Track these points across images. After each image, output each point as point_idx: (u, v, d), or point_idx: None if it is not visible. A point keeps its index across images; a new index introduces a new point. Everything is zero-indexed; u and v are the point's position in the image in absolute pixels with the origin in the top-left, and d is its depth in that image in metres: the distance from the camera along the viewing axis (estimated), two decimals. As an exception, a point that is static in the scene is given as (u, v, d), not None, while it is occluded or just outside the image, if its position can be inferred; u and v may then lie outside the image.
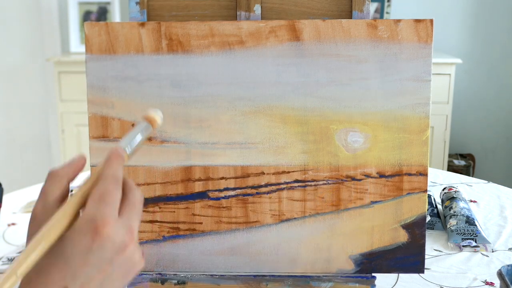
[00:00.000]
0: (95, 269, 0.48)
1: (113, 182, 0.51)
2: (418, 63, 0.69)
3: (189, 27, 0.69)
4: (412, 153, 0.70)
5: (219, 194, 0.72)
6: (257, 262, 0.73)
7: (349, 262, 0.72)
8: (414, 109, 0.70)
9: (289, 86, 0.70)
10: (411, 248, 0.72)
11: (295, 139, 0.71)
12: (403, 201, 0.71)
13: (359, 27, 0.69)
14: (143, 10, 0.72)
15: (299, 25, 0.69)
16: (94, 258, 0.48)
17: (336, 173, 0.71)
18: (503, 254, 0.98)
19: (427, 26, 0.69)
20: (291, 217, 0.72)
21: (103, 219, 0.48)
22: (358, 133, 0.70)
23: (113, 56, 0.70)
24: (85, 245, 0.48)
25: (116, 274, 0.50)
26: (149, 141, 0.71)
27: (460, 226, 1.04)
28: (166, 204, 0.72)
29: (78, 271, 0.48)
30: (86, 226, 0.48)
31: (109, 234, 0.48)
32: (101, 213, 0.49)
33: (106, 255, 0.48)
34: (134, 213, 0.51)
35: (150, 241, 0.73)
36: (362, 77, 0.69)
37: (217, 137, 0.71)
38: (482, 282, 0.89)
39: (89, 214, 0.49)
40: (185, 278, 0.73)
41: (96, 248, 0.48)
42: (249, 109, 0.70)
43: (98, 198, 0.49)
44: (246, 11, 0.72)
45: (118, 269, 0.50)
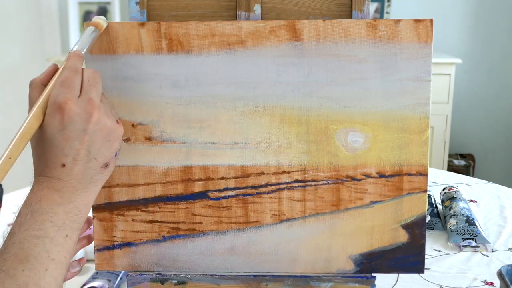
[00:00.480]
0: (76, 141, 0.58)
1: (71, 70, 0.60)
2: (418, 63, 0.69)
3: (189, 27, 0.69)
4: (412, 153, 0.70)
5: (219, 194, 0.72)
6: (257, 262, 0.73)
7: (349, 262, 0.72)
8: (414, 109, 0.70)
9: (289, 86, 0.70)
10: (411, 248, 0.72)
11: (295, 139, 0.71)
12: (403, 201, 0.71)
13: (359, 27, 0.69)
14: (143, 10, 0.72)
15: (299, 25, 0.69)
16: (69, 132, 0.57)
17: (336, 173, 0.71)
18: (503, 254, 0.98)
19: (427, 26, 0.69)
20: (291, 217, 0.72)
21: (64, 97, 0.57)
22: (358, 133, 0.70)
23: (113, 56, 0.70)
24: (58, 124, 0.57)
25: (97, 140, 0.59)
26: (149, 141, 0.71)
27: (460, 226, 1.04)
28: (166, 204, 0.72)
29: (64, 148, 0.58)
30: (52, 108, 0.58)
31: (72, 108, 0.57)
32: (62, 94, 0.58)
33: (77, 126, 0.58)
34: (91, 87, 0.60)
35: (150, 241, 0.73)
36: (362, 77, 0.69)
37: (217, 137, 0.71)
38: (482, 282, 0.89)
39: (52, 97, 0.58)
40: (185, 278, 0.73)
41: (67, 123, 0.57)
42: (249, 109, 0.70)
43: (59, 84, 0.59)
44: (246, 11, 0.72)
45: (96, 136, 0.59)
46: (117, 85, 0.70)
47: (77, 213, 0.59)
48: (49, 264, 0.55)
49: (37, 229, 0.56)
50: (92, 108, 0.58)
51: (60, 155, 0.58)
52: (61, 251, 0.57)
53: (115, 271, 0.78)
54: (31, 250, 0.55)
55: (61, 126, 0.57)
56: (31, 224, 0.56)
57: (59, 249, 0.57)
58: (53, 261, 0.56)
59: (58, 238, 0.57)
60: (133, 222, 0.72)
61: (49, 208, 0.57)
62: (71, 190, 0.59)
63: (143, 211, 0.72)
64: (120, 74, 0.70)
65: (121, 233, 0.72)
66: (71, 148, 0.58)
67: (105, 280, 0.85)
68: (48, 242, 0.56)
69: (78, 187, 0.59)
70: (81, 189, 0.59)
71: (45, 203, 0.57)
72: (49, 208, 0.57)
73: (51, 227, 0.57)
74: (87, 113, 0.58)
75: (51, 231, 0.56)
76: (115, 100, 0.70)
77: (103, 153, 0.60)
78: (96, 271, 0.87)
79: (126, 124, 0.71)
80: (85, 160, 0.59)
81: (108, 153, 0.61)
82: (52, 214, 0.57)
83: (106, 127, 0.60)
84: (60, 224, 0.57)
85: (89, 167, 0.59)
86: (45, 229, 0.56)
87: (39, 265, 0.54)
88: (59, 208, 0.58)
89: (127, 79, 0.70)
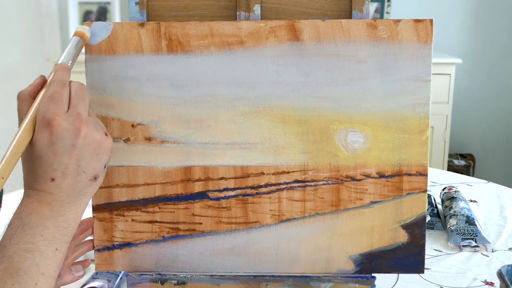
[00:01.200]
0: (65, 156, 0.58)
1: (59, 85, 0.60)
2: (418, 63, 0.69)
3: (189, 27, 0.69)
4: (412, 153, 0.70)
5: (219, 195, 0.72)
6: (257, 262, 0.73)
7: (349, 262, 0.72)
8: (414, 109, 0.70)
9: (289, 86, 0.70)
10: (411, 248, 0.72)
11: (295, 139, 0.71)
12: (403, 201, 0.71)
13: (359, 27, 0.69)
14: (142, 10, 0.72)
15: (299, 25, 0.69)
16: (58, 147, 0.58)
17: (336, 173, 0.71)
18: (503, 254, 0.98)
19: (427, 26, 0.69)
20: (291, 217, 0.72)
21: (52, 113, 0.58)
22: (358, 133, 0.70)
23: (112, 56, 0.70)
24: (47, 139, 0.58)
25: (86, 154, 0.59)
26: (149, 141, 0.71)
27: (460, 226, 1.04)
28: (165, 204, 0.72)
29: (53, 163, 0.58)
30: (41, 124, 0.58)
31: (60, 124, 0.58)
32: (50, 109, 0.58)
33: (66, 141, 0.58)
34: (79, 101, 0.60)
35: (150, 241, 0.73)
36: (362, 77, 0.69)
37: (217, 137, 0.71)
38: (482, 282, 0.89)
39: (40, 113, 0.58)
40: (185, 278, 0.73)
41: (55, 138, 0.57)
42: (249, 109, 0.70)
43: (46, 99, 0.59)
44: (245, 11, 0.72)
45: (85, 150, 0.59)
46: (117, 85, 0.70)
47: (66, 226, 0.60)
48: (38, 278, 0.56)
49: (27, 243, 0.56)
50: (80, 123, 0.59)
51: (49, 169, 0.58)
52: (51, 265, 0.57)
53: (115, 271, 0.78)
54: (21, 264, 0.55)
55: (50, 142, 0.58)
56: (22, 237, 0.56)
57: (49, 263, 0.57)
58: (43, 275, 0.56)
59: (48, 252, 0.57)
60: (133, 222, 0.72)
61: (39, 222, 0.58)
62: (61, 203, 0.59)
63: (143, 211, 0.72)
64: (120, 74, 0.70)
65: (121, 233, 0.72)
66: (60, 162, 0.58)
67: (105, 280, 0.85)
68: (38, 256, 0.56)
69: (68, 200, 0.60)
70: (70, 202, 0.60)
71: (35, 217, 0.58)
72: (39, 221, 0.58)
73: (42, 241, 0.57)
74: (75, 128, 0.58)
75: (41, 245, 0.57)
76: (115, 100, 0.70)
77: (92, 166, 0.61)
78: (96, 271, 0.87)
79: (125, 124, 0.71)
80: (74, 174, 0.59)
81: (97, 166, 0.61)
82: (43, 228, 0.58)
83: (95, 140, 0.60)
84: (50, 238, 0.58)
85: (79, 180, 0.60)
86: (36, 243, 0.57)
87: (29, 279, 0.55)
88: (49, 221, 0.58)
89: (127, 79, 0.70)
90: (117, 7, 2.69)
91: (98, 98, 0.70)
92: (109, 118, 0.70)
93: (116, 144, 0.70)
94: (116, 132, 0.71)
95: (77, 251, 0.73)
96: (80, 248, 0.73)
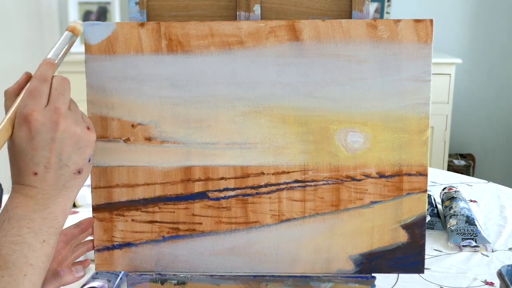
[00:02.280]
0: (45, 150, 0.59)
1: (40, 79, 0.60)
2: (418, 63, 0.69)
3: (189, 27, 0.69)
4: (412, 153, 0.70)
5: (219, 195, 0.72)
6: (257, 262, 0.73)
7: (349, 262, 0.72)
8: (414, 109, 0.70)
9: (289, 86, 0.70)
10: (411, 248, 0.72)
11: (295, 139, 0.71)
12: (403, 201, 0.71)
13: (359, 27, 0.69)
14: (142, 10, 0.72)
15: (299, 25, 0.69)
16: (37, 142, 0.58)
17: (336, 173, 0.71)
18: (503, 254, 0.98)
19: (427, 26, 0.69)
20: (291, 217, 0.72)
21: (30, 108, 0.58)
22: (358, 133, 0.70)
23: (112, 56, 0.70)
24: (25, 134, 0.58)
25: (66, 148, 0.60)
26: (149, 141, 0.71)
27: (460, 226, 1.04)
28: (165, 204, 0.72)
29: (34, 157, 0.58)
30: (19, 119, 0.59)
31: (37, 118, 0.58)
32: (28, 105, 0.59)
33: (44, 135, 0.58)
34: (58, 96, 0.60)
35: (150, 241, 0.73)
36: (362, 77, 0.69)
37: (217, 137, 0.71)
38: (482, 282, 0.89)
39: (19, 109, 0.59)
40: (185, 278, 0.73)
41: (34, 133, 0.58)
42: (249, 109, 0.70)
43: (26, 95, 0.60)
44: (245, 11, 0.72)
45: (64, 143, 0.59)
46: (116, 85, 0.70)
47: (53, 218, 0.60)
48: (27, 270, 0.56)
49: (14, 235, 0.57)
50: (58, 117, 0.59)
51: (30, 164, 0.59)
52: (39, 256, 0.57)
53: (115, 271, 0.78)
54: (9, 257, 0.55)
55: (29, 137, 0.58)
56: (9, 230, 0.57)
57: (37, 255, 0.57)
58: (31, 266, 0.56)
59: (35, 243, 0.57)
60: (133, 222, 0.72)
61: (25, 215, 0.58)
62: (46, 196, 0.60)
63: (143, 211, 0.72)
64: (120, 74, 0.70)
65: (121, 233, 0.72)
66: (41, 157, 0.59)
67: (105, 280, 0.85)
68: (26, 248, 0.57)
69: (52, 193, 0.60)
70: (55, 195, 0.60)
71: (21, 210, 0.58)
72: (25, 214, 0.58)
73: (28, 233, 0.57)
74: (53, 122, 0.59)
75: (28, 237, 0.57)
76: (115, 100, 0.70)
77: (74, 160, 0.61)
78: (96, 271, 0.87)
79: (125, 124, 0.71)
80: (56, 167, 0.60)
81: (80, 160, 0.61)
82: (29, 220, 0.58)
83: (75, 134, 0.60)
84: (36, 230, 0.58)
85: (61, 174, 0.60)
86: (23, 235, 0.57)
87: (17, 271, 0.55)
88: (35, 214, 0.59)
89: (127, 79, 0.70)
90: (117, 7, 2.69)
91: (98, 98, 0.70)
92: (109, 118, 0.70)
93: (116, 144, 0.70)
94: (116, 132, 0.71)
95: (77, 251, 0.73)
96: (80, 248, 0.73)
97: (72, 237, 0.72)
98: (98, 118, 0.70)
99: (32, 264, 0.56)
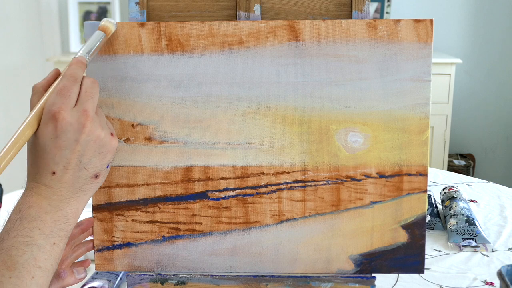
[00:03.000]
0: (67, 150, 0.58)
1: (70, 79, 0.60)
2: (418, 63, 0.69)
3: (189, 27, 0.69)
4: (412, 153, 0.70)
5: (219, 195, 0.72)
6: (257, 262, 0.73)
7: (349, 262, 0.72)
8: (414, 109, 0.70)
9: (289, 86, 0.70)
10: (411, 248, 0.72)
11: (295, 139, 0.71)
12: (403, 201, 0.71)
13: (359, 27, 0.69)
14: (142, 10, 0.72)
15: (299, 25, 0.69)
16: (61, 141, 0.58)
17: (336, 173, 0.71)
18: (503, 254, 0.98)
19: (427, 26, 0.69)
20: (291, 217, 0.72)
21: (59, 107, 0.58)
22: (358, 133, 0.70)
23: (112, 56, 0.70)
24: (51, 132, 0.58)
25: (88, 151, 0.59)
26: (149, 141, 0.71)
27: (460, 226, 1.04)
28: (165, 204, 0.72)
29: (56, 156, 0.58)
30: (46, 117, 0.58)
31: (65, 117, 0.58)
32: (57, 103, 0.58)
33: (70, 136, 0.58)
34: (87, 98, 0.60)
35: (150, 241, 0.73)
36: (362, 77, 0.69)
37: (217, 137, 0.71)
38: (482, 282, 0.89)
39: (47, 106, 0.58)
40: (185, 278, 0.73)
41: (59, 132, 0.58)
42: (249, 109, 0.70)
43: (55, 92, 0.59)
44: (245, 11, 0.72)
45: (88, 146, 0.59)
46: (117, 85, 0.70)
47: (65, 221, 0.60)
48: (35, 272, 0.56)
49: (25, 236, 0.56)
50: (85, 119, 0.59)
51: (51, 162, 0.58)
52: (48, 259, 0.57)
53: (115, 271, 0.78)
54: (18, 258, 0.55)
55: (54, 135, 0.58)
56: (20, 230, 0.57)
57: (46, 257, 0.57)
58: (40, 268, 0.56)
59: (45, 246, 0.57)
60: (133, 222, 0.72)
61: (37, 216, 0.58)
62: (60, 198, 0.59)
63: (143, 211, 0.72)
64: (120, 74, 0.70)
65: (121, 233, 0.72)
66: (62, 156, 0.58)
67: (105, 280, 0.85)
68: (36, 249, 0.56)
69: (67, 195, 0.60)
70: (69, 197, 0.60)
71: (34, 210, 0.58)
72: (37, 215, 0.58)
73: (39, 234, 0.57)
74: (80, 123, 0.58)
75: (39, 238, 0.57)
76: (115, 100, 0.70)
77: (94, 164, 0.61)
78: (96, 271, 0.87)
79: (125, 124, 0.71)
80: (76, 169, 0.59)
81: (100, 165, 0.61)
82: (41, 222, 0.58)
83: (99, 138, 0.60)
84: (48, 232, 0.58)
85: (79, 176, 0.60)
86: (33, 236, 0.57)
87: (26, 272, 0.55)
88: (47, 216, 0.58)
89: (127, 79, 0.70)
90: (117, 7, 2.69)
91: (98, 98, 0.70)
92: (109, 118, 0.70)
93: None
94: (116, 132, 0.71)
95: (77, 251, 0.73)
96: (80, 248, 0.73)
97: (72, 237, 0.71)
98: (98, 118, 0.70)
99: (40, 266, 0.56)
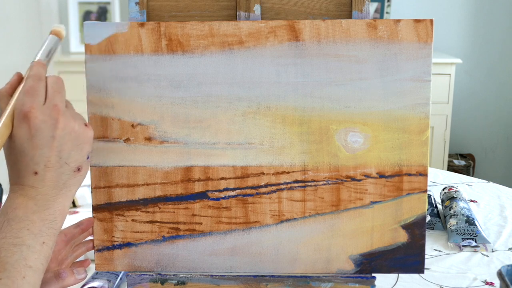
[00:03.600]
0: (45, 148, 0.58)
1: (35, 79, 0.60)
2: (418, 63, 0.69)
3: (189, 27, 0.69)
4: (412, 153, 0.70)
5: (219, 195, 0.72)
6: (257, 262, 0.73)
7: (349, 262, 0.72)
8: (414, 109, 0.70)
9: (289, 86, 0.70)
10: (411, 248, 0.72)
11: (295, 139, 0.71)
12: (403, 201, 0.71)
13: (359, 27, 0.69)
14: (142, 11, 0.72)
15: (299, 25, 0.69)
16: (37, 140, 0.58)
17: (336, 173, 0.71)
18: (503, 254, 0.98)
19: (427, 26, 0.69)
20: (291, 217, 0.72)
21: (29, 106, 0.58)
22: (358, 133, 0.70)
23: (112, 56, 0.70)
24: (25, 133, 0.58)
25: (66, 145, 0.59)
26: (149, 141, 0.71)
27: (460, 226, 1.04)
28: (165, 204, 0.72)
29: (34, 156, 0.58)
30: (18, 118, 0.58)
31: (37, 116, 0.58)
32: (27, 103, 0.58)
33: (45, 133, 0.58)
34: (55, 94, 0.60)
35: (150, 241, 0.73)
36: (362, 77, 0.69)
37: (217, 137, 0.71)
38: (482, 282, 0.89)
39: (18, 108, 0.58)
40: (185, 278, 0.73)
41: (34, 131, 0.57)
42: (249, 109, 0.70)
43: (23, 94, 0.59)
44: (245, 11, 0.72)
45: (65, 141, 0.59)
46: (116, 85, 0.70)
47: (52, 219, 0.60)
48: (26, 272, 0.56)
49: (14, 237, 0.56)
50: (57, 114, 0.59)
51: (31, 163, 0.58)
52: (38, 258, 0.57)
53: (115, 271, 0.78)
54: (8, 259, 0.55)
55: (29, 135, 0.58)
56: (8, 232, 0.56)
57: (36, 257, 0.57)
58: (30, 268, 0.56)
59: (35, 245, 0.57)
60: (133, 222, 0.72)
61: (25, 216, 0.58)
62: (46, 197, 0.59)
63: (143, 211, 0.72)
64: (120, 74, 0.70)
65: (121, 233, 0.72)
66: (41, 155, 0.58)
67: (105, 280, 0.85)
68: (25, 249, 0.56)
69: (52, 193, 0.60)
70: (55, 195, 0.60)
71: (20, 211, 0.58)
72: (25, 216, 0.58)
73: (28, 234, 0.57)
74: (53, 119, 0.58)
75: (28, 238, 0.57)
76: (115, 100, 0.70)
77: (74, 157, 0.61)
78: (96, 271, 0.87)
79: (125, 124, 0.71)
80: (57, 166, 0.59)
81: (80, 157, 0.61)
82: (28, 222, 0.58)
83: (74, 131, 0.60)
84: (36, 232, 0.58)
85: (62, 172, 0.60)
86: (22, 237, 0.57)
87: (16, 273, 0.55)
88: (34, 215, 0.58)
89: (127, 79, 0.70)
90: (117, 7, 2.69)
91: (98, 98, 0.70)
92: (109, 118, 0.70)
93: (116, 144, 0.70)
94: (116, 132, 0.71)
95: (77, 251, 0.73)
96: (80, 248, 0.73)
97: (72, 237, 0.71)
98: (98, 118, 0.70)
99: (31, 266, 0.56)
